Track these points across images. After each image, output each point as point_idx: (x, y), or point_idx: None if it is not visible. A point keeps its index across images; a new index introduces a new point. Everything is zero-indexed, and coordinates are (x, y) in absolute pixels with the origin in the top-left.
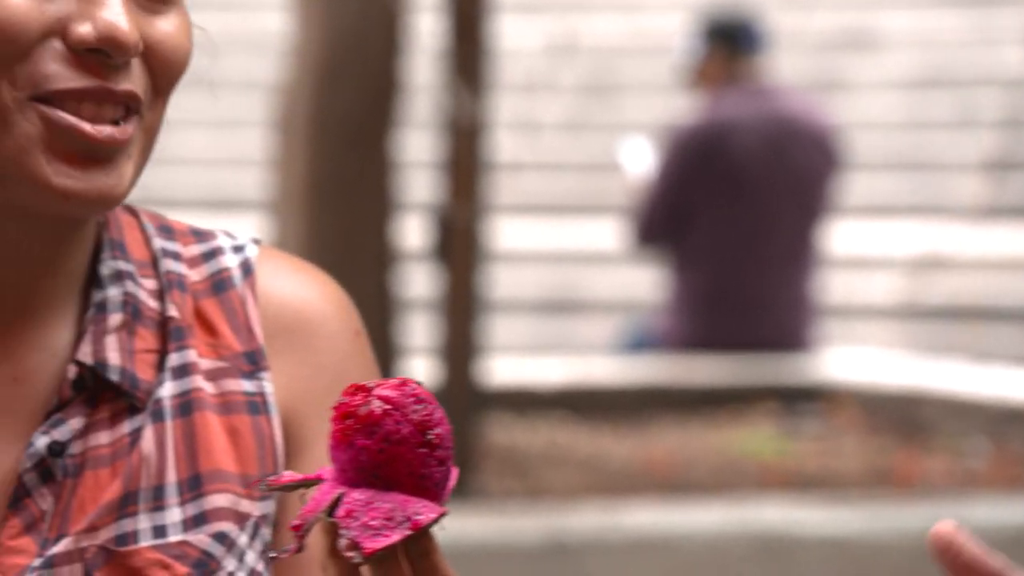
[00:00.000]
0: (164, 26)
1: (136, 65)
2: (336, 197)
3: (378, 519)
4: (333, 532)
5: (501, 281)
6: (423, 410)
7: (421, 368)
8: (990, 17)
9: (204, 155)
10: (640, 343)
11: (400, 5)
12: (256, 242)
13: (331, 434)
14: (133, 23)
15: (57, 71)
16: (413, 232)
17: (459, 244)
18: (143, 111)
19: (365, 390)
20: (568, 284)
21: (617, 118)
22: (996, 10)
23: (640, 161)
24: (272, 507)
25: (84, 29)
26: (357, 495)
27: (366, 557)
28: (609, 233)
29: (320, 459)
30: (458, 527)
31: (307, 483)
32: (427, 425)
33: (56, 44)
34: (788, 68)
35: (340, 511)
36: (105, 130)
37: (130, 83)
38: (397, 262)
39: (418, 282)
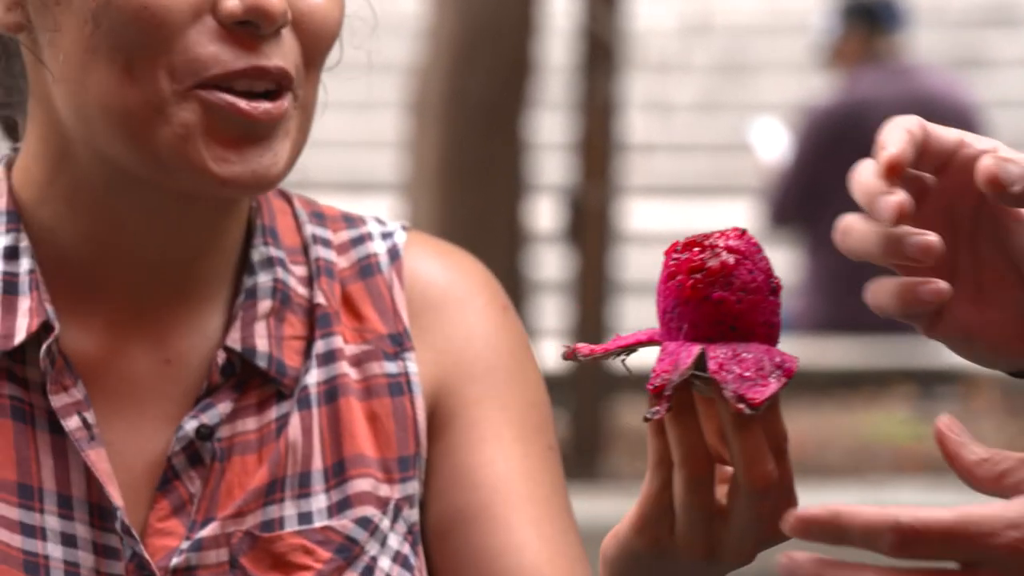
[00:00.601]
0: None
1: (287, 38)
2: (468, 178)
3: (751, 370)
4: (687, 389)
5: (632, 263)
6: (766, 257)
7: (552, 350)
8: None
9: (339, 137)
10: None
11: None
12: (405, 228)
13: (673, 291)
14: None
15: (211, 53)
16: (545, 213)
17: (591, 226)
18: (296, 88)
19: (702, 244)
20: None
21: (751, 98)
22: None
23: (773, 142)
24: (415, 488)
25: (232, 2)
26: (720, 349)
27: (754, 408)
28: (741, 215)
29: (472, 426)
30: (588, 509)
31: (630, 348)
32: (772, 272)
33: (207, 21)
34: (928, 46)
35: (711, 365)
36: (261, 106)
37: (281, 58)
38: (529, 243)
39: (549, 264)
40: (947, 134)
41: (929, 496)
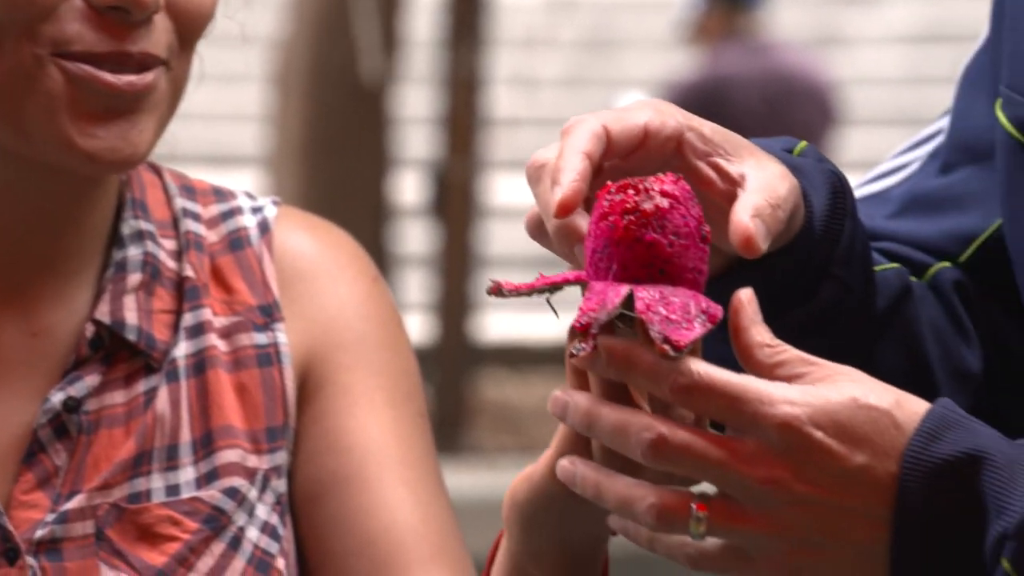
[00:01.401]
0: None
1: (160, 20)
2: (332, 152)
3: (677, 313)
4: (611, 330)
5: (497, 237)
6: (698, 205)
7: (416, 324)
8: None
9: (202, 110)
10: None
11: None
12: (276, 203)
13: (605, 231)
14: None
15: (79, 31)
16: (410, 188)
17: (455, 200)
18: (170, 62)
19: (637, 187)
20: None
21: (616, 74)
22: None
23: None
24: (283, 458)
25: None
26: (648, 291)
27: (678, 350)
28: None
29: (344, 392)
30: (452, 482)
31: (555, 286)
32: (703, 220)
33: (77, 2)
34: (788, 23)
35: (639, 305)
36: (125, 78)
37: (149, 43)
38: (393, 218)
39: (414, 238)
40: (632, 128)
41: None
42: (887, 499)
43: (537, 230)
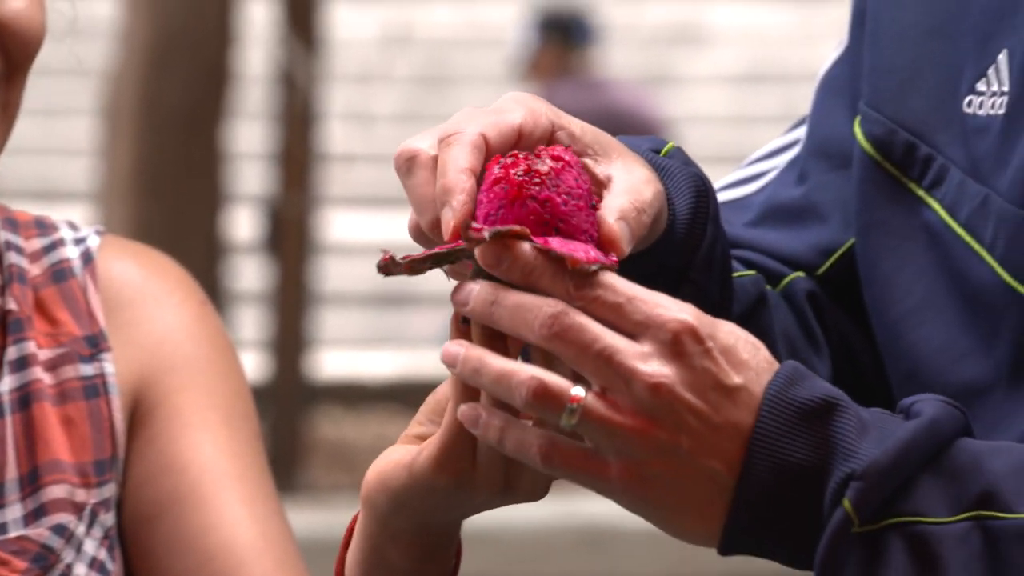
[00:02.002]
0: (14, 3)
1: None
2: (164, 187)
3: (579, 252)
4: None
5: (332, 274)
6: (586, 174)
7: (250, 362)
8: (813, 14)
9: (30, 143)
10: None
11: None
12: (99, 233)
13: (499, 194)
14: None
15: None
16: (244, 224)
17: (290, 236)
18: None
19: (528, 154)
20: (399, 277)
21: (451, 109)
22: (818, 7)
23: None
24: (112, 491)
25: None
26: (547, 240)
27: (575, 268)
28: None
29: (176, 414)
30: None
31: (451, 254)
32: (591, 187)
33: None
34: (620, 61)
35: (539, 243)
36: None
37: None
38: (227, 254)
39: (249, 274)
40: (508, 132)
41: (616, 505)
42: (747, 431)
43: (419, 232)
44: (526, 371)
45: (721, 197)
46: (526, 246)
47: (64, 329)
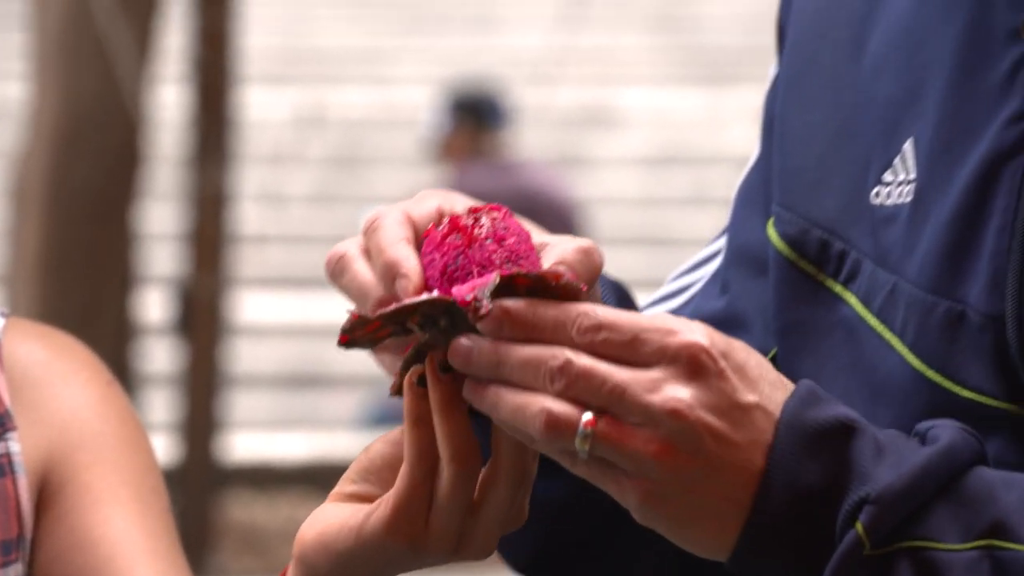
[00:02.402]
0: None
1: None
2: (73, 269)
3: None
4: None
5: (244, 355)
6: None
7: (161, 444)
8: (721, 98)
9: None
10: (383, 417)
11: (143, 75)
12: (3, 315)
13: (454, 245)
14: None
15: None
16: (155, 305)
17: (201, 317)
18: None
19: (468, 210)
20: (312, 358)
21: (364, 190)
22: (727, 91)
23: None
24: (19, 571)
25: None
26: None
27: (557, 282)
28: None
29: (86, 490)
30: None
31: (411, 310)
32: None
33: None
34: (532, 143)
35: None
36: None
37: None
38: (137, 336)
39: (159, 356)
40: (429, 213)
41: None
42: (764, 450)
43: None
44: (536, 403)
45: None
46: (520, 305)
47: None
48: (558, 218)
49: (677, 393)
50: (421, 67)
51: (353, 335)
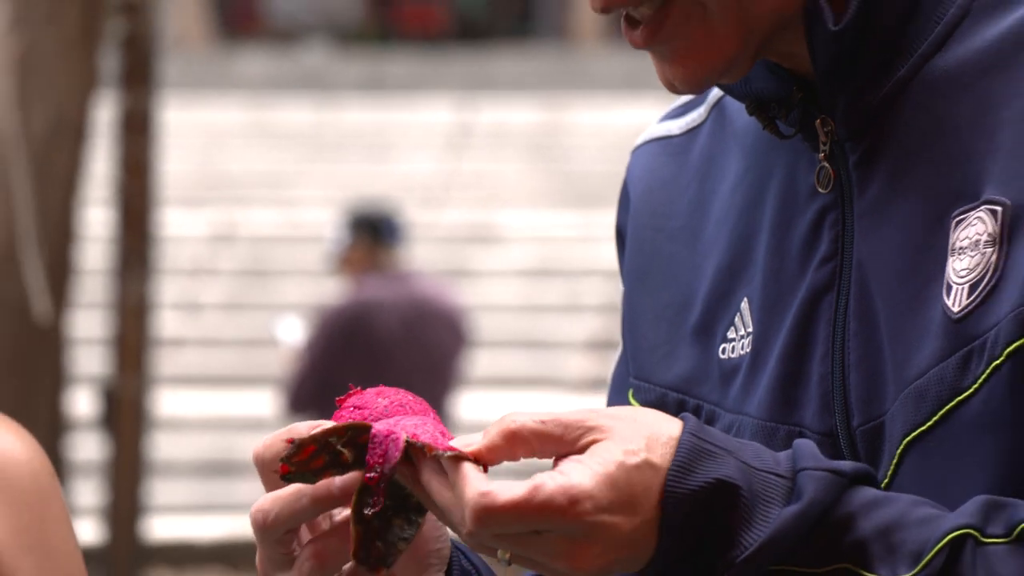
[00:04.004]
0: None
1: None
2: (8, 374)
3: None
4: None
5: (164, 446)
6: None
7: (89, 527)
8: (590, 217)
9: None
10: None
11: (73, 196)
12: None
13: (371, 396)
14: None
15: None
16: (84, 402)
17: (125, 413)
18: None
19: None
20: (225, 447)
21: (273, 299)
22: (597, 211)
23: (293, 337)
24: None
25: None
26: (417, 425)
27: (431, 453)
28: (265, 402)
29: None
30: None
31: (338, 436)
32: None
33: None
34: (422, 257)
35: (423, 439)
36: None
37: None
38: (68, 430)
39: (88, 448)
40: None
41: None
42: (655, 529)
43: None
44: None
45: None
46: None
47: None
48: (445, 323)
49: (575, 548)
50: (323, 190)
51: (291, 461)
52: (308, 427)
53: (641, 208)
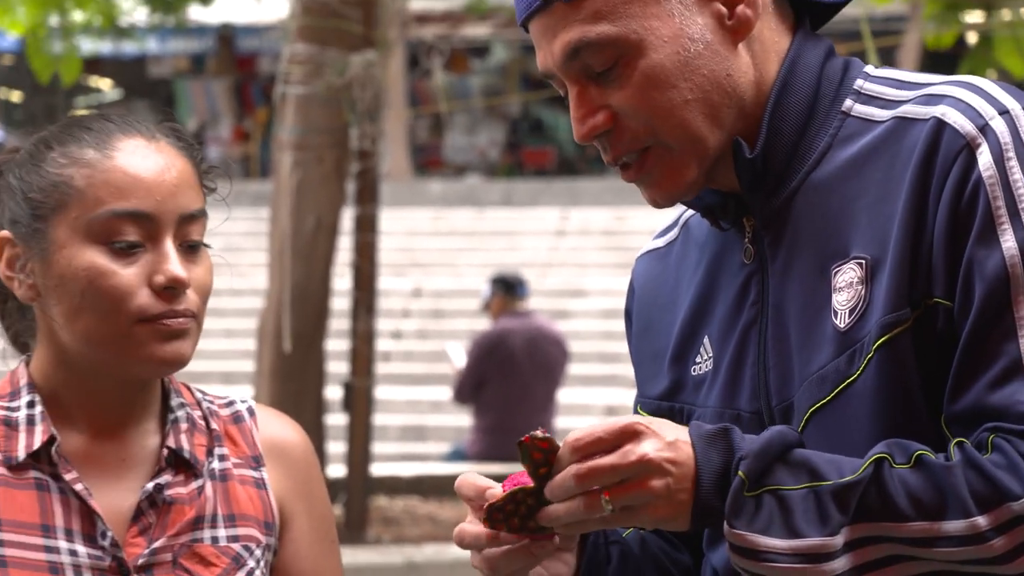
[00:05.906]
0: (198, 269)
1: (190, 292)
2: (287, 379)
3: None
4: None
5: (380, 420)
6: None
7: (338, 468)
8: None
9: None
10: (457, 455)
11: (329, 269)
12: (252, 401)
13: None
14: (184, 269)
15: (149, 303)
16: (335, 393)
17: (358, 400)
18: (196, 313)
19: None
20: (419, 421)
21: (446, 331)
22: None
23: (458, 355)
24: (273, 542)
25: (159, 278)
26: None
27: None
28: (443, 393)
29: (301, 528)
30: None
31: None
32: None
33: (145, 289)
34: (537, 304)
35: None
36: (179, 320)
37: (187, 303)
38: (327, 411)
39: (338, 420)
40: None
41: None
42: (692, 468)
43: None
44: (576, 502)
45: None
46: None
47: (240, 450)
48: (553, 344)
49: (639, 450)
50: (477, 264)
51: (491, 518)
52: (480, 489)
53: (641, 295)
